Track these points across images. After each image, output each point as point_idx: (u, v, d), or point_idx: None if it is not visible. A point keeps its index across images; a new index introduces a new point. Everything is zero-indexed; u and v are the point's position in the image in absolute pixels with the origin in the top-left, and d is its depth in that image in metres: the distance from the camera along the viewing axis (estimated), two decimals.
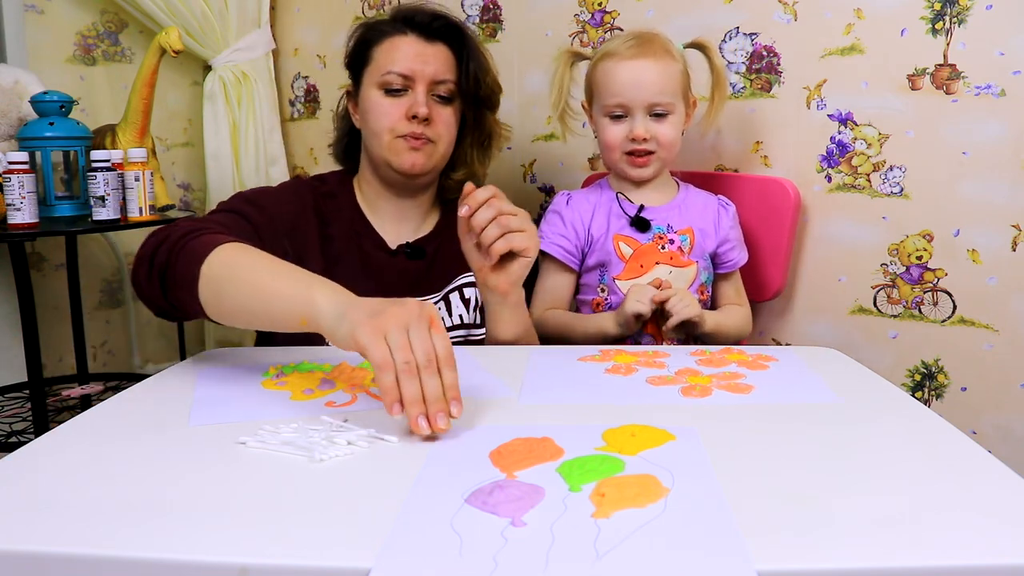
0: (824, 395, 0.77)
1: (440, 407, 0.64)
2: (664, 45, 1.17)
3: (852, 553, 0.45)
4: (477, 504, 0.51)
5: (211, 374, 0.84)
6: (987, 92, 1.20)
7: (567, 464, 0.58)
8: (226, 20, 1.82)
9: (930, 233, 1.27)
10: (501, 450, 0.61)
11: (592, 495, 0.52)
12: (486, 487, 0.54)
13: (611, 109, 1.16)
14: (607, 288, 1.20)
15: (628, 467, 0.57)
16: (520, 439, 0.63)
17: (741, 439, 0.64)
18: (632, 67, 1.14)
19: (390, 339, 0.65)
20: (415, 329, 0.66)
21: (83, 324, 1.78)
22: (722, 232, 1.24)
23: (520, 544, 0.46)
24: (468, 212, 0.91)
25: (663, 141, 1.16)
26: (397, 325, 0.66)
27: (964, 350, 1.27)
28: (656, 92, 1.14)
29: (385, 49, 1.12)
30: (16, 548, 0.47)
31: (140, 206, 1.48)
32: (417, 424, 0.63)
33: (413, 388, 0.64)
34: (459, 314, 1.14)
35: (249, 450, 0.62)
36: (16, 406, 1.61)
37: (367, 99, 1.13)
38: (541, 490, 0.53)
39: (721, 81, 1.23)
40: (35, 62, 1.77)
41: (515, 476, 0.56)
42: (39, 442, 0.64)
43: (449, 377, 0.65)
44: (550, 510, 0.50)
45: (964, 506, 0.51)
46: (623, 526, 0.48)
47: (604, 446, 0.62)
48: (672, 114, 1.16)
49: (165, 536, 0.48)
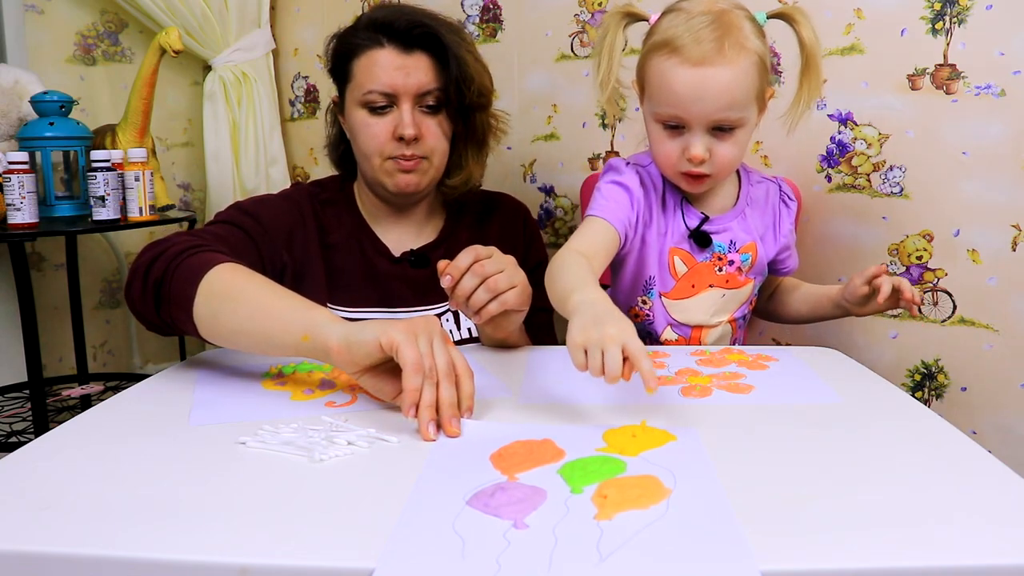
0: (824, 395, 0.77)
1: (454, 413, 0.66)
2: (740, 38, 0.92)
3: (852, 553, 0.45)
4: (479, 507, 0.51)
5: (211, 374, 0.84)
6: (987, 92, 1.20)
7: (568, 466, 0.58)
8: (226, 20, 1.82)
9: (930, 233, 1.27)
10: (502, 452, 0.61)
11: (594, 496, 0.52)
12: (487, 489, 0.53)
13: (666, 119, 0.96)
14: (650, 303, 1.07)
15: (629, 468, 0.57)
16: (520, 442, 0.63)
17: (741, 439, 0.64)
18: (696, 76, 0.91)
19: (421, 344, 0.68)
20: (438, 341, 0.69)
21: (83, 324, 1.77)
22: (782, 237, 1.11)
23: (523, 546, 0.45)
24: (451, 283, 0.85)
25: (723, 163, 0.96)
26: (426, 333, 0.69)
27: (964, 350, 1.27)
28: (723, 107, 0.92)
29: (364, 65, 1.06)
30: (16, 548, 0.47)
31: (140, 206, 1.48)
32: (427, 429, 0.64)
33: (431, 394, 0.66)
34: (467, 327, 1.11)
35: (249, 450, 0.62)
36: (16, 406, 1.61)
37: (352, 118, 1.09)
38: (543, 492, 0.53)
39: (813, 61, 0.97)
40: (35, 62, 1.77)
41: (516, 478, 0.56)
42: (39, 442, 0.64)
43: (468, 386, 0.69)
44: (552, 512, 0.50)
45: (964, 506, 0.51)
46: (626, 527, 0.48)
47: (605, 447, 0.62)
48: (740, 128, 0.95)
49: (165, 536, 0.48)
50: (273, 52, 1.92)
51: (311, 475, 0.57)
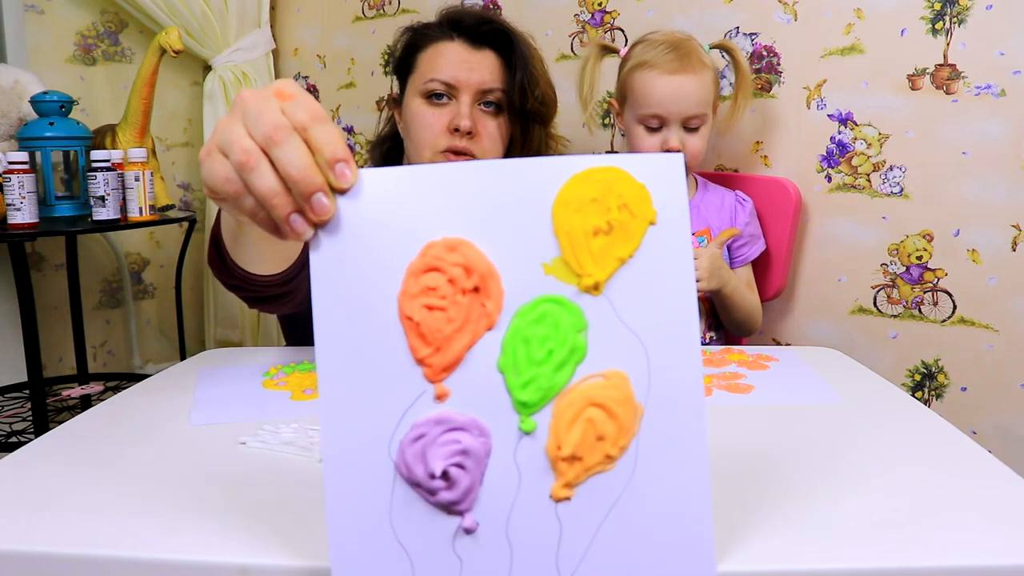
0: (824, 395, 0.77)
1: (313, 183, 0.40)
2: (700, 56, 1.18)
3: (852, 553, 0.45)
4: (408, 481, 0.41)
5: (211, 374, 0.84)
6: (987, 92, 1.20)
7: (508, 343, 0.42)
8: (226, 20, 1.82)
9: (930, 233, 1.27)
10: (412, 295, 0.42)
11: (548, 445, 0.41)
12: (410, 433, 0.41)
13: (647, 120, 1.18)
14: None
15: (591, 329, 0.42)
16: (436, 257, 0.42)
17: (741, 439, 0.64)
18: (672, 82, 1.15)
19: (223, 148, 0.42)
20: (251, 114, 0.42)
21: (83, 324, 1.77)
22: (739, 227, 1.27)
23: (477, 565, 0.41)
24: None
25: (693, 152, 1.18)
26: (227, 127, 0.43)
27: (964, 350, 1.27)
28: (693, 105, 1.16)
29: (429, 56, 1.06)
30: (16, 548, 0.47)
31: (140, 206, 1.48)
32: (290, 223, 0.41)
33: (263, 180, 0.41)
34: None
35: (249, 450, 0.62)
36: (16, 406, 1.61)
37: (410, 108, 1.07)
38: (485, 433, 0.42)
39: (746, 82, 1.26)
40: (35, 62, 1.77)
41: (446, 390, 0.42)
42: (39, 442, 0.64)
43: (321, 134, 0.41)
44: (501, 483, 0.41)
45: (964, 506, 0.51)
46: (587, 516, 0.42)
47: (554, 263, 0.42)
48: (704, 125, 1.19)
49: (165, 536, 0.48)
50: (273, 52, 1.92)
51: (311, 475, 0.57)
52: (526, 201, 0.42)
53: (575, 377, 0.42)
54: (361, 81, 1.87)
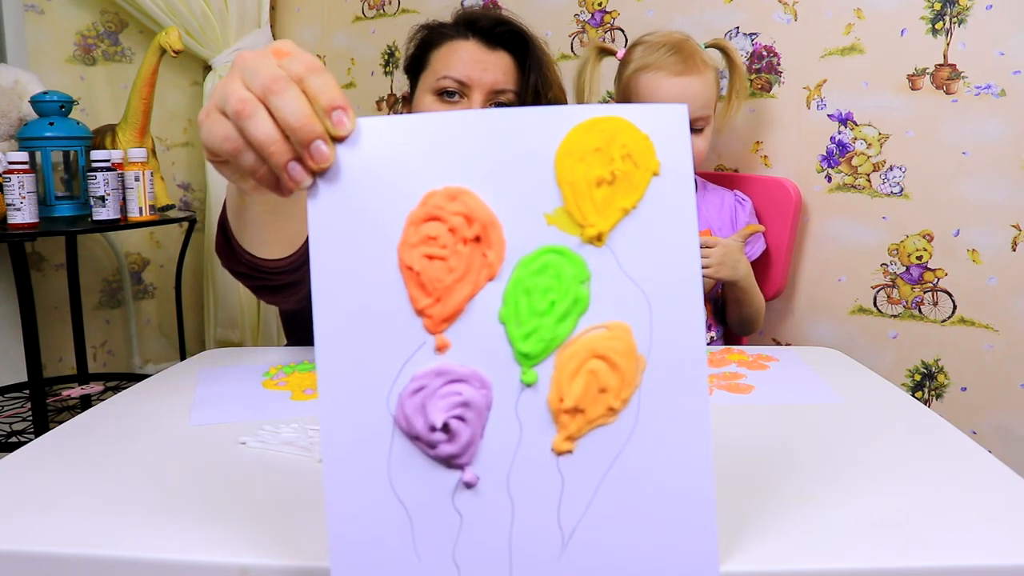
0: (824, 395, 0.77)
1: (312, 130, 0.40)
2: (702, 57, 1.18)
3: (852, 553, 0.45)
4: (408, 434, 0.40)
5: (211, 374, 0.84)
6: (987, 92, 1.20)
7: (510, 294, 0.41)
8: (226, 20, 1.82)
9: (930, 233, 1.27)
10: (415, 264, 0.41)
11: (550, 396, 0.41)
12: (410, 386, 0.40)
13: None
14: None
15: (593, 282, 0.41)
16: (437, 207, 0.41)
17: (741, 439, 0.64)
18: (678, 84, 1.15)
19: (221, 105, 0.42)
20: (248, 69, 0.42)
21: (83, 324, 1.78)
22: (738, 228, 1.26)
23: (477, 526, 0.40)
24: None
25: (697, 153, 1.18)
26: (225, 84, 0.42)
27: (964, 350, 1.27)
28: (698, 107, 1.15)
29: (443, 53, 1.06)
30: (16, 548, 0.47)
31: (140, 206, 1.48)
32: (288, 171, 0.41)
33: (260, 127, 0.40)
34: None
35: (249, 450, 0.62)
36: (16, 406, 1.61)
37: (420, 105, 1.07)
38: (486, 384, 0.41)
39: (741, 81, 1.26)
40: (35, 62, 1.77)
41: (446, 341, 0.41)
42: (39, 442, 0.64)
43: (317, 82, 0.41)
44: (502, 435, 0.41)
45: (964, 506, 0.51)
46: (588, 473, 0.41)
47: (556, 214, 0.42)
48: (707, 125, 1.18)
49: (165, 536, 0.48)
50: None
51: (311, 475, 0.57)
52: (528, 150, 0.41)
53: (577, 328, 0.41)
54: (361, 81, 1.87)
